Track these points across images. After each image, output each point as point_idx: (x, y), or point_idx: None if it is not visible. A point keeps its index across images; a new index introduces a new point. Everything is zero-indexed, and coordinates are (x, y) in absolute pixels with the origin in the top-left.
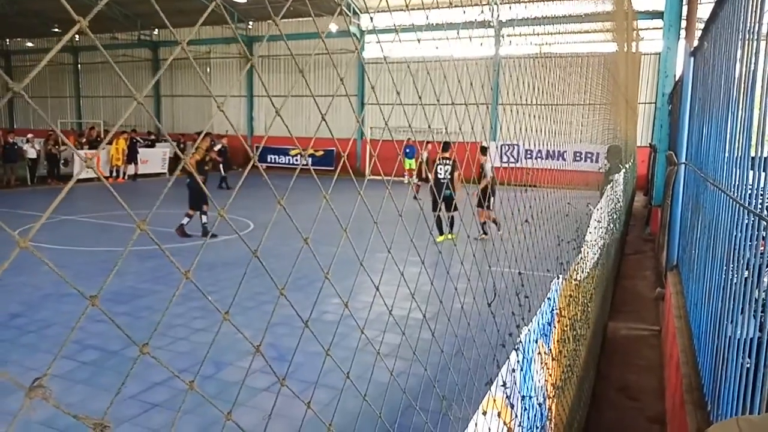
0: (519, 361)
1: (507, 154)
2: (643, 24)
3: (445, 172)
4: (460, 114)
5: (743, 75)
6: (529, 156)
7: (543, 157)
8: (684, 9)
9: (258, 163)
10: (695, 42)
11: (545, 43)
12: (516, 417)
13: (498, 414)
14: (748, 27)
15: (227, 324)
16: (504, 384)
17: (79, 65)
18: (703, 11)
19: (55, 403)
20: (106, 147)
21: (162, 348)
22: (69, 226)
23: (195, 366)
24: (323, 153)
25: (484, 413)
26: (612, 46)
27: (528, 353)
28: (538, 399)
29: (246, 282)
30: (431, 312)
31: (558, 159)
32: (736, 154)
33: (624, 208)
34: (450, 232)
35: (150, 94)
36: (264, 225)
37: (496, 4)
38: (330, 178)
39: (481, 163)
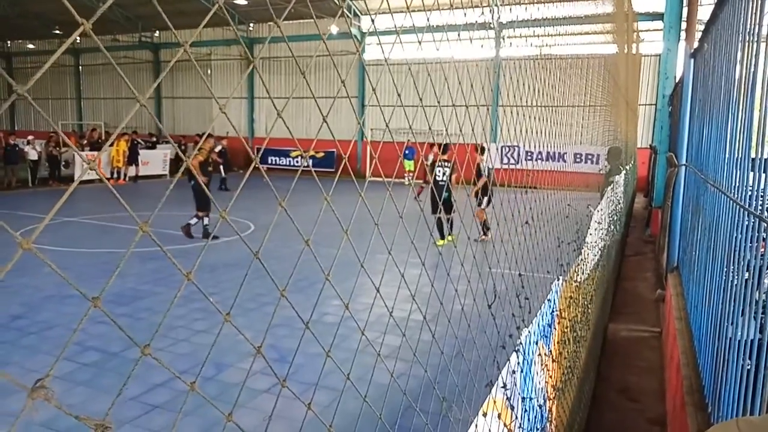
0: (519, 363)
1: (507, 155)
2: (644, 25)
3: (443, 174)
4: (460, 116)
5: (743, 76)
6: (530, 158)
7: (543, 159)
8: (684, 11)
9: (259, 165)
10: (695, 44)
11: (545, 45)
12: (516, 418)
13: (498, 415)
14: (748, 29)
15: (228, 325)
16: (504, 385)
17: (81, 67)
18: (704, 13)
19: (57, 404)
20: (107, 148)
21: (163, 349)
22: (70, 227)
23: (196, 367)
24: (324, 154)
25: (484, 415)
26: (612, 47)
27: (528, 355)
28: (538, 400)
29: (247, 283)
30: (431, 313)
31: (558, 161)
32: (736, 155)
33: (624, 209)
34: (450, 233)
35: (151, 95)
36: (265, 226)
37: (496, 6)
38: (330, 179)
39: (478, 163)
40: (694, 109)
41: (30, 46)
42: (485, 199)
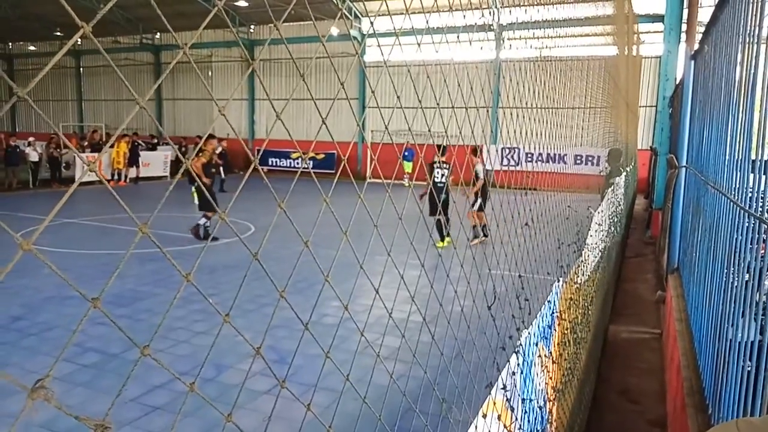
0: (519, 364)
1: (508, 157)
2: (644, 27)
3: (442, 175)
4: (460, 118)
5: (743, 78)
6: (530, 159)
7: (543, 161)
8: (684, 12)
9: (258, 167)
10: (696, 45)
11: (546, 47)
12: (516, 420)
13: (498, 417)
14: (748, 30)
15: (228, 327)
16: (504, 387)
17: (81, 69)
18: (704, 15)
19: (57, 405)
20: (107, 150)
21: (163, 351)
22: (70, 229)
23: (195, 369)
24: (324, 156)
25: (484, 416)
26: (613, 49)
27: (528, 356)
28: (538, 402)
29: (246, 285)
30: (431, 315)
31: (558, 162)
32: (736, 157)
33: (625, 211)
34: (448, 234)
35: (152, 97)
36: (264, 228)
37: (496, 7)
38: (330, 181)
39: (474, 165)
40: (694, 111)
41: (31, 47)
42: (478, 202)
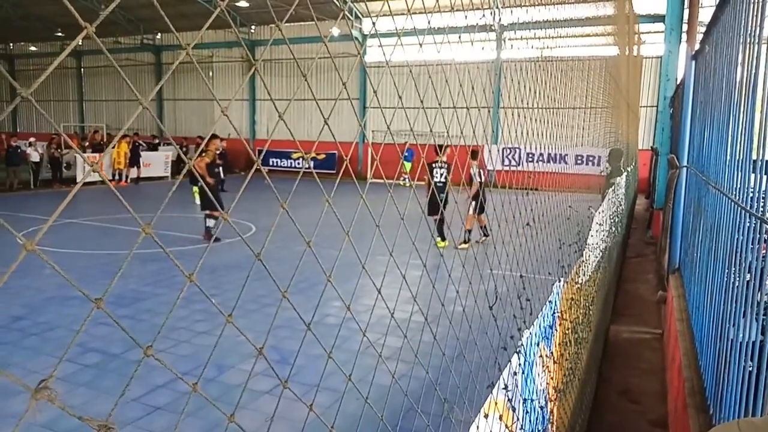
0: (520, 364)
1: (508, 157)
2: (645, 27)
3: (441, 175)
4: (461, 118)
5: (744, 78)
6: (531, 159)
7: (544, 161)
8: (685, 13)
9: (261, 167)
10: (696, 45)
11: (547, 47)
12: (517, 420)
13: (500, 417)
14: (749, 30)
15: (229, 327)
16: (505, 387)
17: (83, 69)
18: (705, 15)
19: (61, 405)
20: (110, 150)
21: (164, 351)
22: (72, 229)
23: (197, 369)
24: (325, 156)
25: (485, 416)
26: (613, 49)
27: (529, 356)
28: (539, 402)
29: (248, 285)
30: (432, 315)
31: (559, 162)
32: (737, 157)
33: (626, 211)
34: (444, 239)
35: (153, 97)
36: (266, 228)
37: (497, 8)
38: (331, 181)
39: (471, 168)
40: (695, 111)
41: (32, 48)
42: (472, 205)
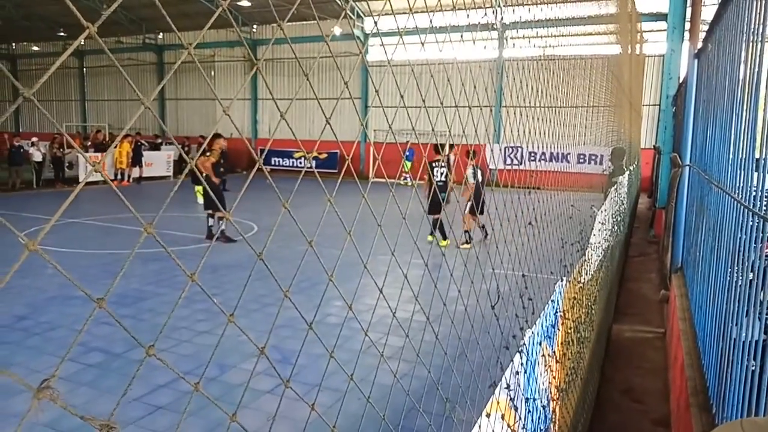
0: (523, 364)
1: (510, 156)
2: (647, 26)
3: (441, 174)
4: (464, 117)
5: (747, 77)
6: (533, 158)
7: (547, 160)
8: (688, 11)
9: (263, 166)
10: (699, 44)
11: (549, 46)
12: (520, 420)
13: (502, 416)
14: (752, 29)
15: (231, 326)
16: (508, 386)
17: (85, 69)
18: (707, 13)
19: (63, 404)
20: (112, 150)
21: (166, 350)
22: (74, 228)
23: (199, 368)
24: (327, 156)
25: (487, 416)
26: (616, 48)
27: (532, 356)
28: (542, 401)
29: (249, 284)
30: (434, 314)
31: (562, 161)
32: (740, 155)
33: (628, 210)
34: (431, 234)
35: (155, 97)
36: (267, 228)
37: (499, 6)
38: (333, 180)
39: (467, 168)
40: (698, 110)
41: (34, 48)
42: (468, 205)
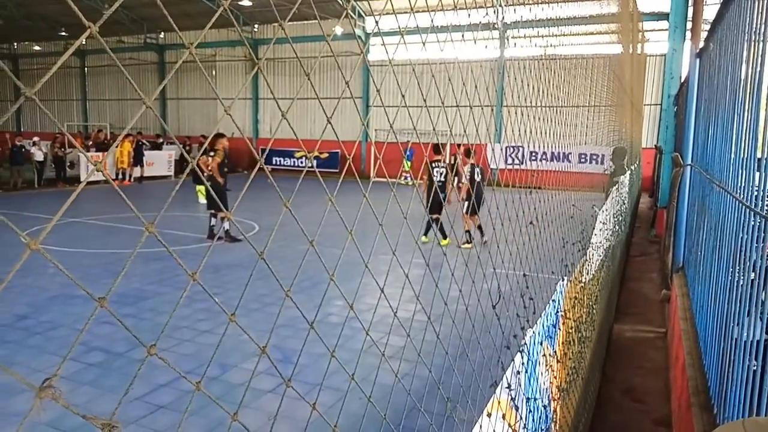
0: (524, 363)
1: (512, 155)
2: (649, 25)
3: (441, 174)
4: (465, 116)
5: (749, 76)
6: (534, 158)
7: (548, 159)
8: (690, 10)
9: (264, 166)
10: (701, 43)
11: (550, 45)
12: (521, 419)
13: (503, 416)
14: (754, 28)
15: (232, 326)
16: (509, 386)
17: (86, 68)
18: (709, 12)
19: (65, 404)
20: (114, 150)
21: (167, 350)
22: (75, 228)
23: (200, 368)
24: (328, 155)
25: (488, 415)
26: (617, 47)
27: (533, 355)
28: (543, 401)
29: (250, 284)
30: (435, 314)
31: (563, 161)
32: (742, 155)
33: (629, 209)
34: (425, 234)
35: (156, 97)
36: (268, 227)
37: (500, 6)
38: (334, 180)
39: (466, 166)
40: (699, 109)
41: (36, 47)
42: (464, 205)
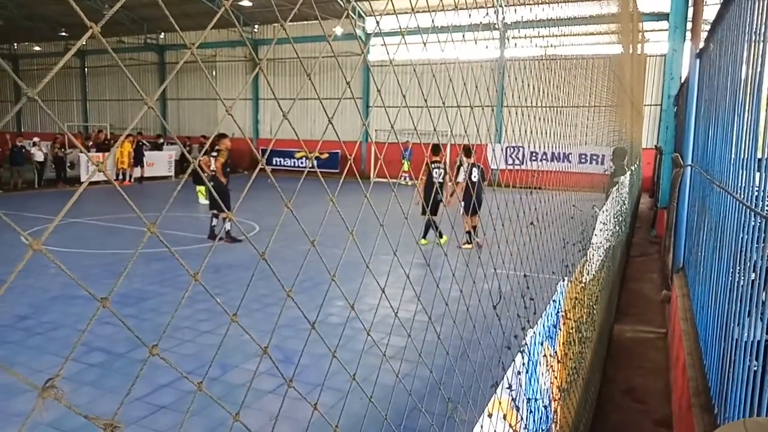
0: (524, 364)
1: (512, 156)
2: (649, 26)
3: (440, 175)
4: (465, 116)
5: (749, 76)
6: (534, 158)
7: (548, 160)
8: (690, 11)
9: (265, 166)
10: (701, 44)
11: (550, 46)
12: (521, 420)
13: (503, 416)
14: (754, 28)
15: (233, 326)
16: (509, 386)
17: (86, 69)
18: (709, 13)
19: (67, 404)
20: (115, 151)
21: (168, 350)
22: (76, 228)
23: (201, 368)
24: (328, 155)
25: (489, 416)
26: (617, 48)
27: (533, 356)
28: (543, 401)
29: (251, 284)
30: (436, 314)
31: (563, 161)
32: (742, 155)
33: (629, 210)
34: (424, 236)
35: (156, 97)
36: (269, 228)
37: (501, 6)
38: (335, 180)
39: (460, 165)
40: (699, 110)
41: (36, 48)
42: (462, 205)
